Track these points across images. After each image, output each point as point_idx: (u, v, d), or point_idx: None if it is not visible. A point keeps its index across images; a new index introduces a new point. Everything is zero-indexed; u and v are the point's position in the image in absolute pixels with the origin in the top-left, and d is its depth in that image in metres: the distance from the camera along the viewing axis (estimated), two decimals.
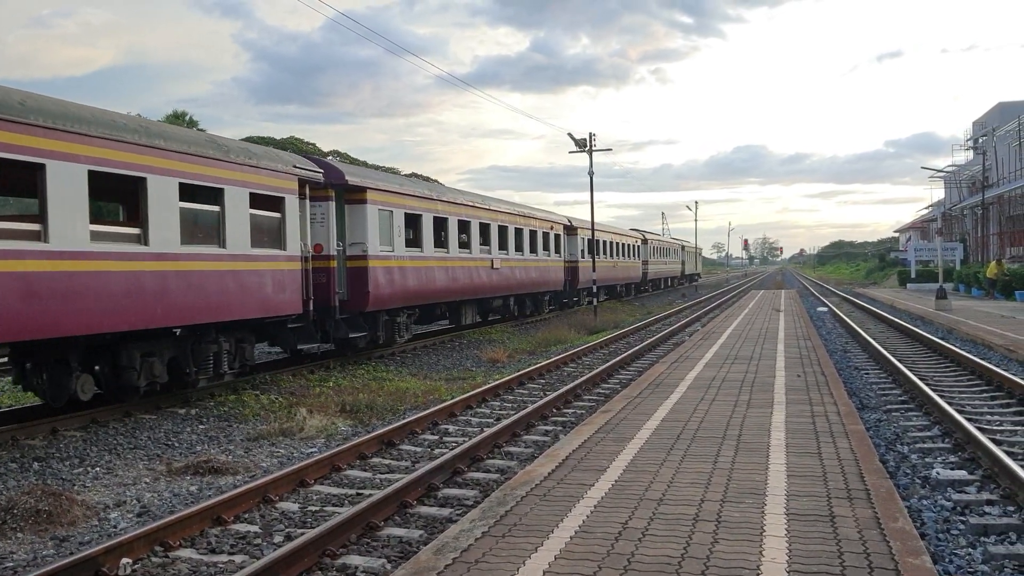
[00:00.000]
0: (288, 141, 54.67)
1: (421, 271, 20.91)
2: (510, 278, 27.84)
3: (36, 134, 10.22)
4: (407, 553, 6.43)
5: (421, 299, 21.23)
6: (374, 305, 18.49)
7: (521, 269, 29.04)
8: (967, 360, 15.64)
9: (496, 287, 26.68)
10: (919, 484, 7.98)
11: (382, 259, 18.79)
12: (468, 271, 24.14)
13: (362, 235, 18.15)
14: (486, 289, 25.87)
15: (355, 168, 20.20)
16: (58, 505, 7.71)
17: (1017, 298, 34.10)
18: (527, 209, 31.65)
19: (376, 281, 18.42)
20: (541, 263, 31.67)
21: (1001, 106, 60.48)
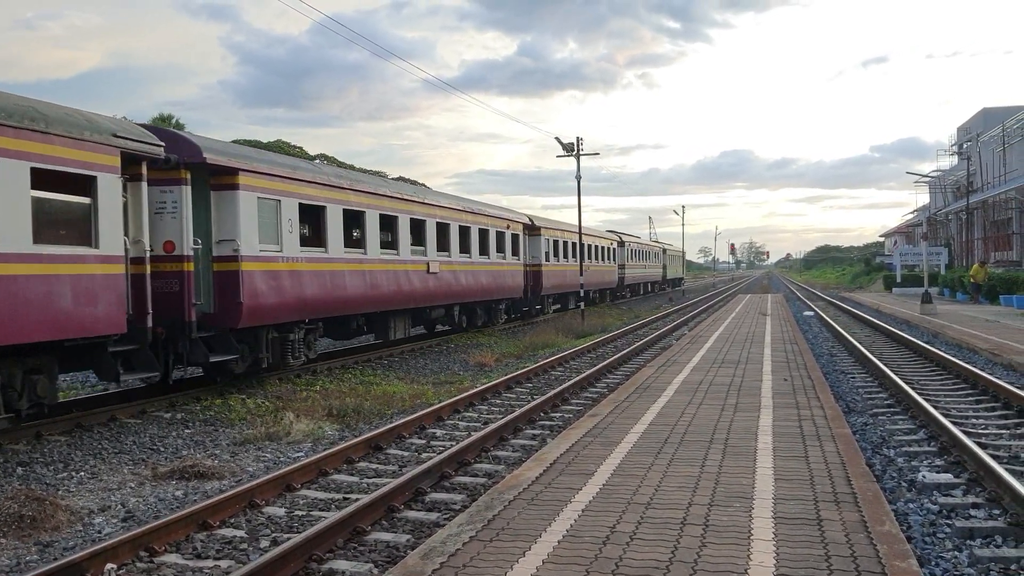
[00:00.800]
0: (275, 144, 54.51)
1: (325, 276, 16.93)
2: (453, 284, 23.94)
3: None
4: (394, 558, 6.41)
5: (325, 310, 17.19)
6: (250, 319, 14.38)
7: (468, 274, 25.14)
8: (953, 364, 15.73)
9: (434, 295, 22.70)
10: (905, 487, 8.01)
11: (263, 261, 14.76)
12: (394, 276, 19.98)
13: (232, 230, 14.07)
14: (421, 297, 21.69)
15: (222, 144, 15.14)
16: (42, 510, 7.65)
17: (1002, 302, 34.32)
18: (477, 205, 27.63)
19: (253, 289, 14.36)
20: (494, 267, 27.68)
21: (985, 112, 60.88)
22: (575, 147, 37.12)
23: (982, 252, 51.37)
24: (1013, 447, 9.52)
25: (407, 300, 20.91)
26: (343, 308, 17.95)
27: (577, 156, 37.11)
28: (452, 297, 24.26)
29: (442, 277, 23.00)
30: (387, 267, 19.77)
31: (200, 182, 13.83)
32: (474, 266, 25.87)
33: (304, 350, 16.92)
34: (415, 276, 21.26)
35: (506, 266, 28.98)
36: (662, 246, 74.81)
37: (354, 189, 18.46)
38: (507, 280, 29.06)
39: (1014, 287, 33.95)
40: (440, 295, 23.23)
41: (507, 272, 29.08)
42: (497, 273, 27.95)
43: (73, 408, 12.74)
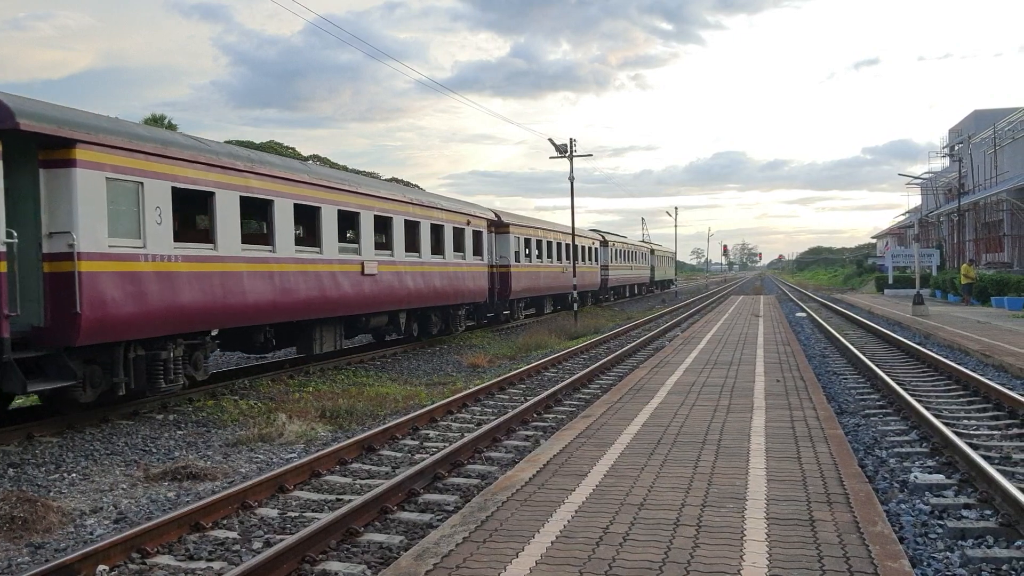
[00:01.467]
0: (268, 145, 54.46)
1: (212, 279, 13.65)
2: (396, 288, 20.52)
3: None
4: (387, 559, 6.41)
5: (215, 321, 13.95)
6: (95, 335, 11.35)
7: (417, 276, 21.71)
8: (944, 365, 15.78)
9: (372, 300, 19.34)
10: (897, 488, 8.03)
11: (115, 260, 11.75)
12: (316, 279, 16.79)
13: (67, 220, 11.04)
14: (354, 303, 18.47)
15: (53, 108, 11.37)
16: (33, 512, 7.62)
17: (993, 304, 34.45)
18: (429, 197, 24.56)
19: (97, 296, 11.33)
20: (451, 268, 24.28)
21: (977, 114, 61.14)
22: (568, 148, 37.13)
23: (973, 254, 51.55)
24: (1004, 448, 9.56)
25: (334, 307, 17.67)
26: (241, 318, 14.61)
27: (570, 157, 37.13)
28: (396, 302, 20.72)
29: (382, 280, 19.69)
30: (305, 268, 16.40)
31: (21, 157, 10.88)
32: (425, 267, 22.34)
33: (186, 370, 13.62)
34: (345, 278, 17.99)
35: (466, 267, 25.67)
36: (650, 246, 71.64)
37: (255, 172, 14.98)
38: (467, 283, 25.70)
39: (1005, 289, 34.08)
40: (381, 300, 19.80)
41: (467, 274, 25.71)
42: (455, 275, 24.61)
43: (64, 409, 12.68)
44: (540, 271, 35.01)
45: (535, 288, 34.45)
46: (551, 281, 36.36)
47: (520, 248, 31.92)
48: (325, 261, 17.34)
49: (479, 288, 27.00)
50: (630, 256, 58.50)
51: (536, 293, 35.06)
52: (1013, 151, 47.60)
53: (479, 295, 27.11)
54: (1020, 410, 11.18)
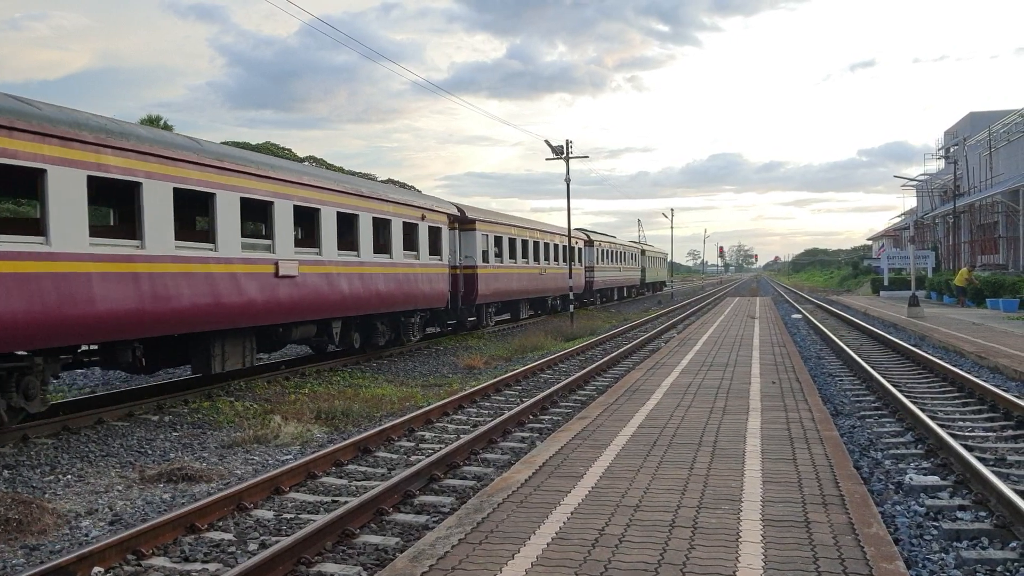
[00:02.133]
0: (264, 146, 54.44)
1: (42, 283, 10.67)
2: (325, 293, 17.31)
3: None
4: (383, 560, 6.40)
5: (44, 336, 10.86)
6: None
7: (352, 278, 18.47)
8: (939, 367, 15.81)
9: (290, 307, 16.03)
10: (893, 490, 8.05)
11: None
12: (207, 282, 13.61)
13: None
14: (266, 311, 15.26)
15: None
16: (28, 513, 7.60)
17: (988, 306, 34.52)
18: (370, 186, 20.85)
19: None
20: (400, 268, 20.80)
21: (972, 116, 61.33)
22: (564, 150, 37.15)
23: (969, 255, 51.67)
24: (999, 449, 9.58)
25: (237, 316, 14.47)
26: (87, 332, 11.56)
27: (566, 159, 37.15)
28: (326, 310, 17.56)
29: (305, 283, 16.53)
30: (190, 268, 13.27)
31: None
32: (365, 268, 19.05)
33: (10, 400, 11.03)
34: (252, 282, 14.83)
35: (420, 268, 22.11)
36: (640, 246, 67.96)
37: (115, 147, 11.89)
38: (421, 286, 22.23)
39: (1000, 290, 34.16)
40: (304, 307, 16.51)
41: (421, 276, 22.21)
42: (405, 277, 21.11)
43: (60, 411, 12.67)
44: (514, 273, 31.66)
45: (508, 291, 31.11)
46: (527, 284, 33.29)
47: (489, 247, 28.80)
48: (221, 260, 13.99)
49: (437, 292, 23.51)
50: (618, 257, 55.47)
51: (509, 297, 31.79)
52: (1008, 153, 47.72)
53: (438, 300, 23.68)
54: (1015, 412, 11.21)
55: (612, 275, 53.32)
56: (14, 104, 10.65)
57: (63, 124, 11.11)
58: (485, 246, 28.42)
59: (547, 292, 36.86)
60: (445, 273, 24.40)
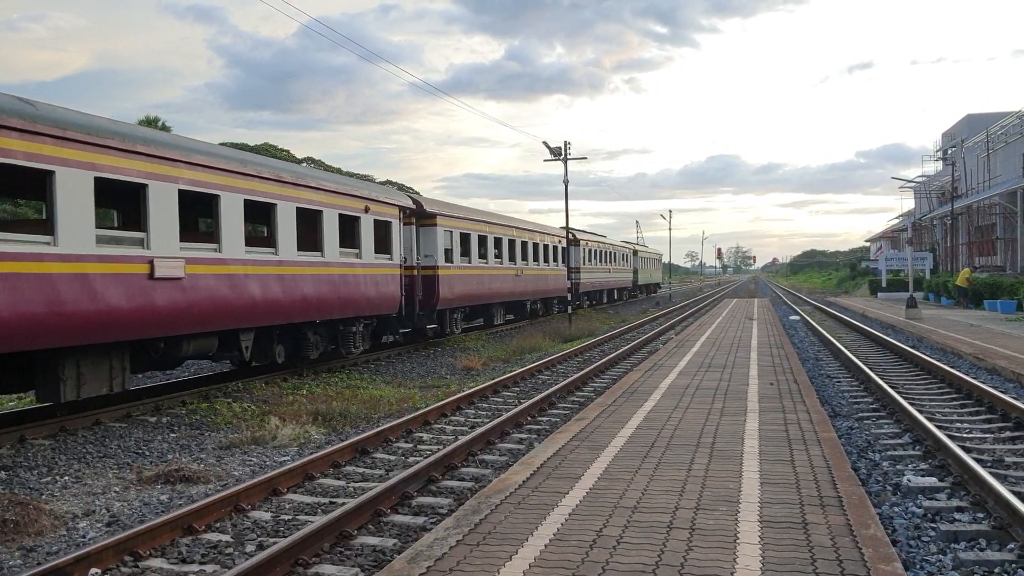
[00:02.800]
0: (262, 147, 54.41)
1: None
2: (227, 298, 14.12)
3: None
4: (381, 562, 6.40)
5: None
6: None
7: (267, 280, 15.28)
8: (937, 368, 15.82)
9: (174, 317, 12.89)
10: (890, 491, 8.05)
11: None
12: (43, 284, 10.69)
13: None
14: (135, 323, 12.22)
15: None
16: (25, 514, 7.59)
17: (986, 307, 34.56)
18: (293, 171, 17.26)
19: None
20: (334, 269, 17.75)
21: (970, 118, 61.39)
22: (563, 151, 37.17)
23: (966, 257, 51.72)
24: (997, 451, 9.59)
25: (94, 330, 11.54)
26: None
27: (564, 160, 37.16)
28: (231, 319, 14.40)
29: (197, 286, 13.33)
30: (15, 268, 10.33)
31: None
32: (286, 268, 15.94)
33: None
34: (117, 285, 11.86)
35: (362, 268, 19.03)
36: (632, 246, 64.71)
37: None
38: (365, 289, 19.08)
39: (998, 292, 34.19)
40: (195, 316, 13.31)
41: (364, 278, 19.10)
42: (342, 280, 18.11)
43: (57, 411, 12.65)
44: (485, 274, 28.36)
45: (478, 295, 27.88)
46: (502, 286, 30.10)
47: (454, 245, 25.60)
48: (63, 258, 10.99)
49: (386, 296, 20.19)
50: (607, 257, 51.92)
51: (480, 300, 28.42)
52: (1006, 155, 47.77)
53: (387, 305, 20.32)
54: (1013, 413, 11.22)
55: (601, 277, 50.01)
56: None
57: None
58: (449, 244, 25.20)
59: (526, 295, 33.67)
60: (396, 274, 20.87)
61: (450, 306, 25.47)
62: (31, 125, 10.43)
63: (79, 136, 11.17)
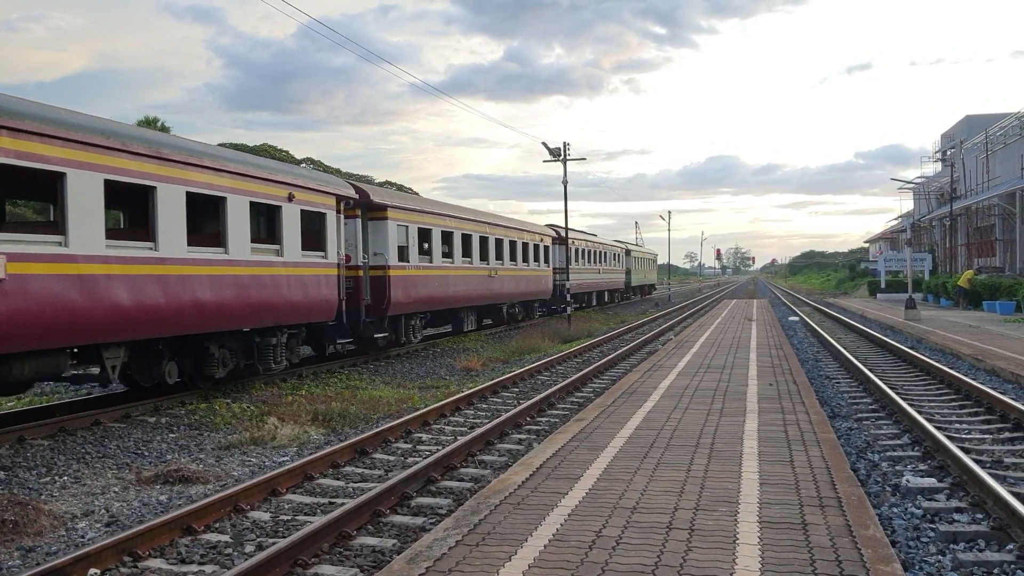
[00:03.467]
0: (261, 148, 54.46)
1: None
2: (79, 305, 11.22)
3: None
4: (380, 562, 6.39)
5: None
6: None
7: (143, 282, 12.42)
8: (936, 369, 15.82)
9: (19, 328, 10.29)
10: (890, 492, 8.05)
11: None
12: None
13: None
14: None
15: None
16: (24, 515, 7.59)
17: (984, 308, 34.57)
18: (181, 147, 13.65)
19: None
20: (246, 269, 14.76)
21: (969, 119, 61.43)
22: (562, 152, 37.17)
23: (965, 258, 51.77)
24: (996, 452, 9.59)
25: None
26: None
27: (564, 161, 37.17)
28: (84, 331, 11.45)
29: (28, 290, 10.44)
30: None
31: None
32: (170, 267, 12.97)
33: None
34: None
35: (282, 268, 15.79)
36: (625, 246, 60.83)
37: None
38: (289, 292, 15.96)
39: (997, 293, 34.21)
40: (27, 328, 10.43)
41: (287, 279, 15.90)
42: (255, 281, 14.88)
43: (56, 412, 12.65)
44: (451, 275, 25.22)
45: (441, 298, 24.75)
46: (472, 288, 27.11)
47: (410, 242, 22.34)
48: None
49: (317, 301, 17.12)
50: (597, 257, 48.60)
51: (443, 305, 25.22)
52: (1005, 156, 47.81)
53: (320, 311, 17.32)
54: (1012, 414, 11.22)
55: (589, 278, 46.51)
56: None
57: None
58: (404, 240, 22.00)
59: (502, 298, 30.73)
60: (333, 275, 17.77)
61: (405, 311, 22.14)
62: None
63: None
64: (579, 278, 43.14)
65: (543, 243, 36.73)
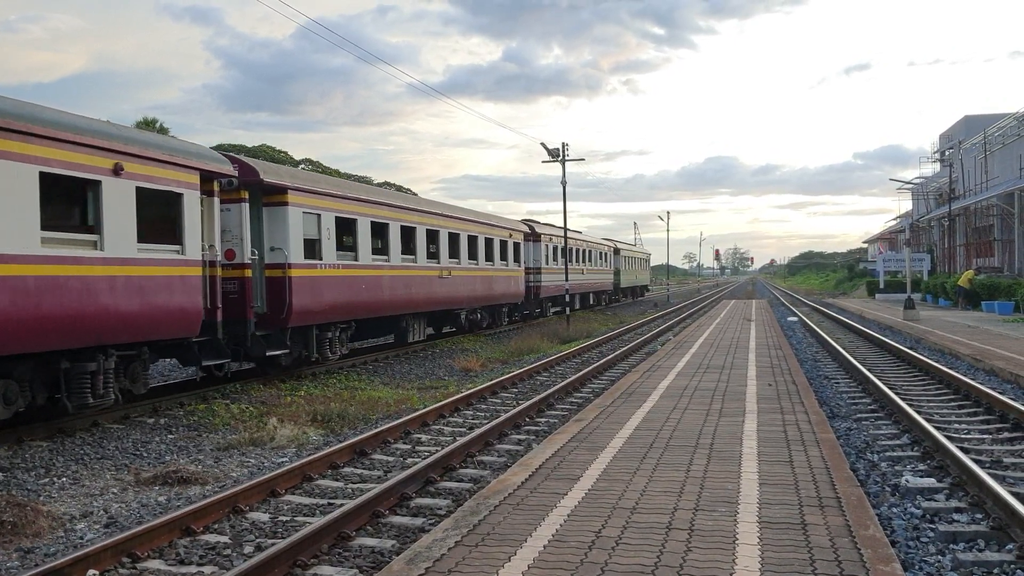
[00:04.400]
0: (260, 149, 54.41)
1: None
2: None
3: None
4: (379, 563, 6.38)
5: None
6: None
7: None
8: (935, 369, 15.82)
9: None
10: (889, 492, 8.05)
11: None
12: None
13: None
14: None
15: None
16: (23, 516, 7.58)
17: (983, 308, 34.59)
18: None
19: None
20: (29, 267, 10.58)
21: (967, 119, 61.45)
22: (561, 153, 37.17)
23: (964, 258, 51.79)
24: (995, 452, 9.59)
25: None
26: None
27: (563, 162, 37.17)
28: None
29: None
30: None
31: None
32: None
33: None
34: None
35: (102, 267, 11.81)
36: (613, 244, 55.37)
37: None
38: (115, 300, 11.94)
39: (995, 293, 34.22)
40: None
41: (111, 283, 11.88)
42: (50, 287, 10.88)
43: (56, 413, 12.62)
44: (385, 276, 20.65)
45: (370, 304, 19.96)
46: (417, 291, 22.57)
47: (323, 233, 17.79)
48: None
49: (167, 311, 12.98)
50: (580, 256, 44.17)
51: (374, 312, 20.36)
52: (1003, 156, 47.84)
53: (172, 325, 13.20)
54: (1011, 414, 11.22)
55: (570, 278, 40.16)
56: None
57: None
58: (312, 232, 17.47)
59: (458, 303, 26.37)
60: (195, 276, 13.67)
61: (316, 321, 17.53)
62: None
63: None
64: (556, 279, 38.34)
65: (512, 239, 32.23)
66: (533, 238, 35.96)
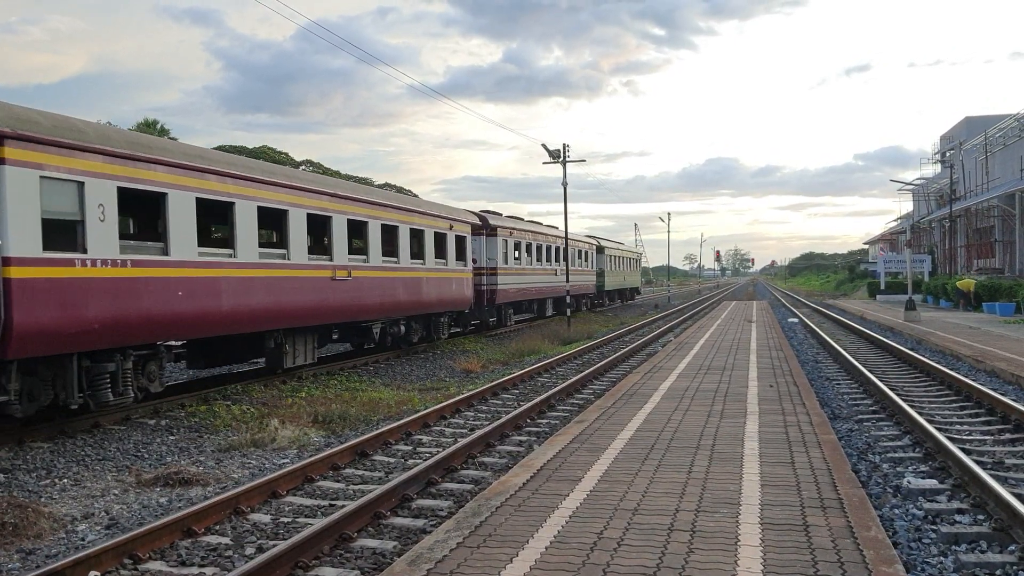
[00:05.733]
0: (260, 150, 54.42)
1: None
2: None
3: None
4: (381, 564, 6.38)
5: None
6: None
7: None
8: (936, 371, 15.81)
9: None
10: (891, 493, 8.04)
11: None
12: None
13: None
14: None
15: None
16: (24, 517, 7.57)
17: (984, 310, 34.57)
18: None
19: None
20: None
21: (968, 120, 61.50)
22: (561, 154, 37.17)
23: (965, 259, 51.80)
24: (997, 453, 9.58)
25: None
26: None
27: (563, 163, 37.16)
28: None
29: None
30: None
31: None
32: None
33: None
34: None
35: None
36: (596, 242, 48.95)
37: None
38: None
39: (996, 295, 34.21)
40: None
41: None
42: None
43: (56, 414, 12.61)
44: (226, 277, 14.56)
45: (195, 317, 13.80)
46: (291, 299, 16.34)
47: (87, 215, 11.59)
48: None
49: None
50: (550, 254, 37.55)
51: (212, 329, 14.51)
52: (1004, 157, 47.86)
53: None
54: (1012, 415, 11.21)
55: (538, 281, 35.37)
56: None
57: None
58: (72, 210, 11.48)
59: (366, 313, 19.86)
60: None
61: (70, 348, 11.49)
62: None
63: None
64: (521, 282, 32.79)
65: (454, 231, 25.54)
66: (487, 232, 29.46)
